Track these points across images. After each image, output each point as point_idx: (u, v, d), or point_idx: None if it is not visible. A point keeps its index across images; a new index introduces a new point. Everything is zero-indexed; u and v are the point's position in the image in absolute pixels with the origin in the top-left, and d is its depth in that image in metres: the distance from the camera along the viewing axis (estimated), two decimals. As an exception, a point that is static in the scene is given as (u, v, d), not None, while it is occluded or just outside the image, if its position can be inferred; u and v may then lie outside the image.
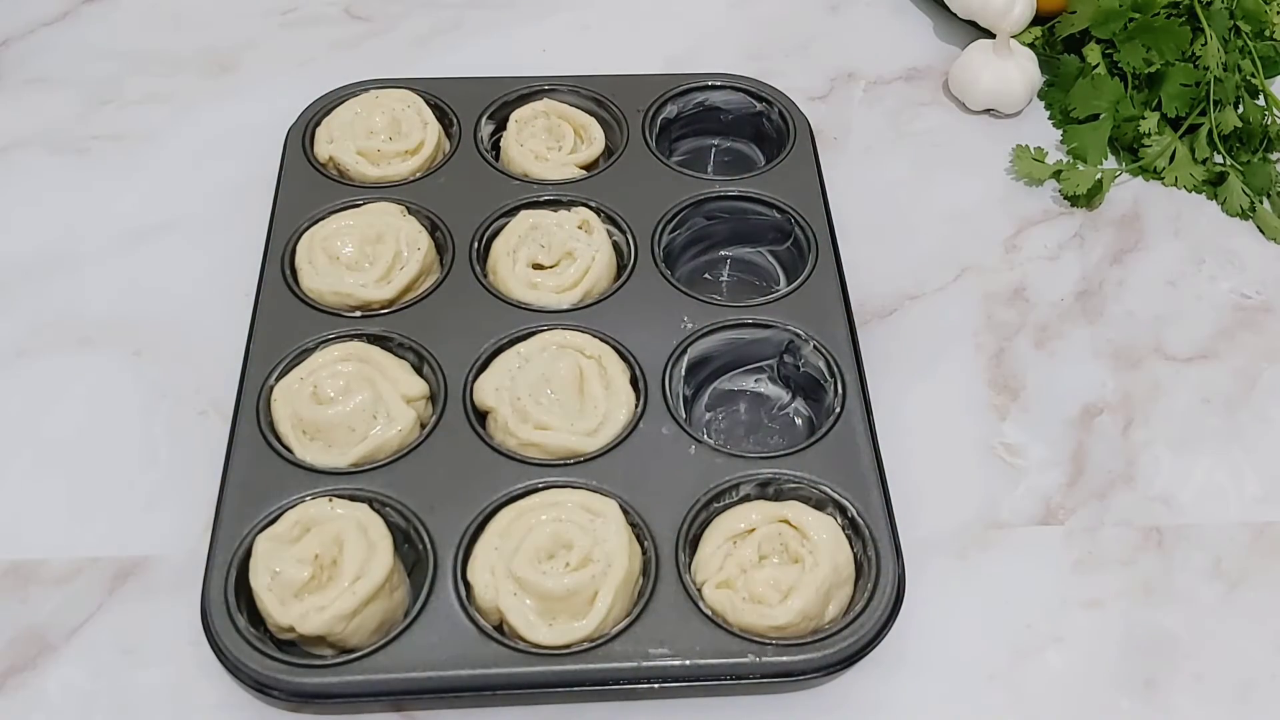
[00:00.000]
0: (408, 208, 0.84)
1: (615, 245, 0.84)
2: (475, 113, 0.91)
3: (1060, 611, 0.72)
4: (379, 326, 0.77)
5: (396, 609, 0.66)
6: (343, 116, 0.89)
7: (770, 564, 0.68)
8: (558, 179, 0.87)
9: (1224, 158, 0.96)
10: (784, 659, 0.64)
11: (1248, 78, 0.98)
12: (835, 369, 0.77)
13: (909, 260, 0.90)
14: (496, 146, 0.91)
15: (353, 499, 0.68)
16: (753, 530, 0.69)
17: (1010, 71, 0.99)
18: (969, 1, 1.03)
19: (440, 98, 0.92)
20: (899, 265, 0.89)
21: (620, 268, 0.83)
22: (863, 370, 0.77)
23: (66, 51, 1.03)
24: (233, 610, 0.64)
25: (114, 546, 0.71)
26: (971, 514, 0.76)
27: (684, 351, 0.77)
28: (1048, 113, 1.02)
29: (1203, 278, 0.91)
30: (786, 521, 0.68)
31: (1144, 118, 0.96)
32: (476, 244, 0.83)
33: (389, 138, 0.88)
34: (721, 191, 0.87)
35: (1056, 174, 0.95)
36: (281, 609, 0.64)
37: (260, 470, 0.70)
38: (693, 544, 0.69)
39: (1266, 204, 0.95)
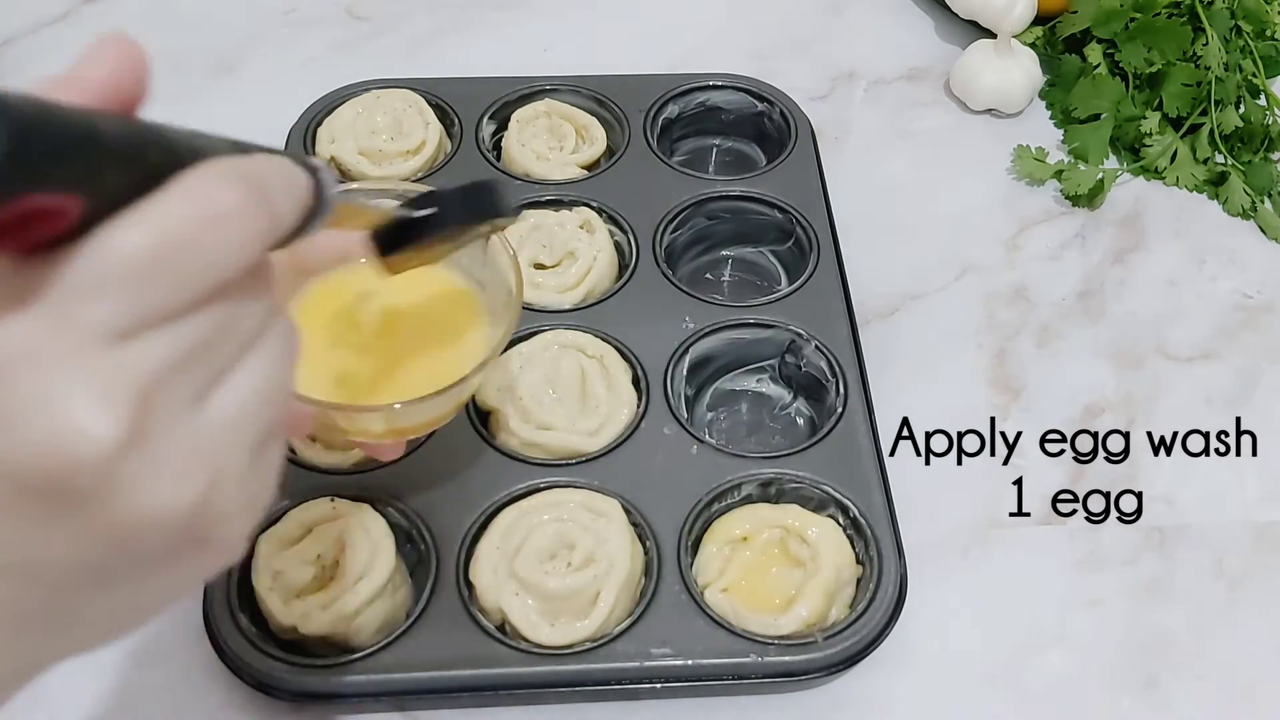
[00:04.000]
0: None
1: (617, 245, 0.84)
2: (477, 113, 0.91)
3: (1062, 611, 0.72)
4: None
5: (399, 609, 0.66)
6: (344, 116, 0.89)
7: (772, 569, 0.68)
8: (559, 179, 0.87)
9: (1225, 157, 0.96)
10: (786, 659, 0.64)
11: (1249, 77, 0.98)
12: (837, 369, 0.77)
13: (910, 260, 0.90)
14: (498, 146, 0.91)
15: (355, 499, 0.68)
16: (755, 535, 0.69)
17: (1011, 71, 0.99)
18: (970, 1, 1.03)
19: (442, 98, 0.91)
20: (900, 265, 0.89)
21: (622, 267, 0.83)
22: (864, 370, 0.77)
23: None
24: (235, 610, 0.64)
25: (116, 546, 0.71)
26: (973, 514, 0.76)
27: (686, 351, 0.77)
28: (1049, 112, 1.02)
29: (1204, 277, 0.91)
30: (787, 527, 0.68)
31: (1145, 117, 0.96)
32: (478, 244, 0.83)
33: (390, 137, 0.88)
34: (723, 191, 0.87)
35: (1058, 174, 0.95)
36: (284, 609, 0.64)
37: (262, 470, 0.70)
38: (695, 544, 0.69)
39: (1268, 204, 0.95)
